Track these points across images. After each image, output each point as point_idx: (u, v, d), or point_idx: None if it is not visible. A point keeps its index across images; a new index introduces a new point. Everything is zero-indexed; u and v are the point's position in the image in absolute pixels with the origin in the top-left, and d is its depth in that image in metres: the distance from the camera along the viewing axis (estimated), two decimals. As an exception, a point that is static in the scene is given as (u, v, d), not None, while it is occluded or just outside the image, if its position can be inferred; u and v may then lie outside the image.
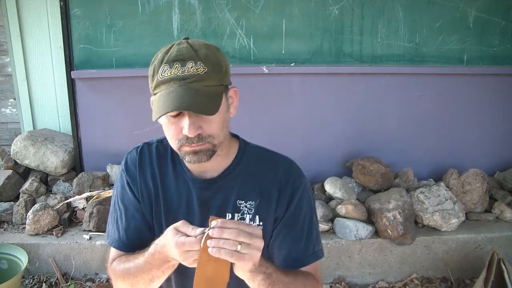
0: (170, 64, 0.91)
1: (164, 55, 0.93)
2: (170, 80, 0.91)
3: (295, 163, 1.14)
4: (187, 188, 1.08)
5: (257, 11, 2.85)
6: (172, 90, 0.90)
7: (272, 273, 0.93)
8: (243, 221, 0.83)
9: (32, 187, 2.80)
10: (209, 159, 0.98)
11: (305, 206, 1.10)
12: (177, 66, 0.91)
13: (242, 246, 0.80)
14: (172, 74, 0.91)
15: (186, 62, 0.91)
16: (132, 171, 1.10)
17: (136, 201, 1.09)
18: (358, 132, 3.10)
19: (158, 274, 0.95)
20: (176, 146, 0.98)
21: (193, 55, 0.92)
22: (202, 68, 0.91)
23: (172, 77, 0.91)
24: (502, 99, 3.18)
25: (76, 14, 2.78)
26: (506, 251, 2.56)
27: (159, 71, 0.93)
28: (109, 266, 1.10)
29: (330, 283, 2.61)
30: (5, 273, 2.32)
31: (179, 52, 0.92)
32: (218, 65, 0.94)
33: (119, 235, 1.09)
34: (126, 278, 1.01)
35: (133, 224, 1.09)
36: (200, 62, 0.91)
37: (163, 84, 0.92)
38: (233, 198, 1.07)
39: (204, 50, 0.93)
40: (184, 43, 0.95)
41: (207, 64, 0.91)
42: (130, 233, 1.09)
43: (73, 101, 2.94)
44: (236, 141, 1.13)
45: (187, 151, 0.97)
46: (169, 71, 0.91)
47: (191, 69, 0.90)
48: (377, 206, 2.59)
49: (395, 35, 2.97)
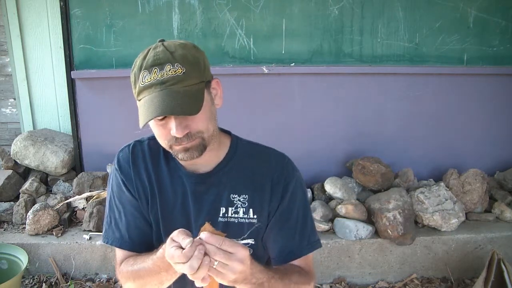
0: (149, 70, 0.93)
1: (142, 61, 0.95)
2: (151, 86, 0.92)
3: (287, 156, 1.15)
4: (181, 183, 1.09)
5: (257, 11, 2.85)
6: (154, 95, 0.92)
7: (265, 282, 0.94)
8: (232, 240, 0.84)
9: (32, 187, 2.80)
10: (201, 154, 1.00)
11: (298, 199, 1.11)
12: (156, 70, 0.92)
13: (218, 263, 0.82)
14: (152, 80, 0.92)
15: (164, 65, 0.92)
16: (126, 170, 1.11)
17: (133, 199, 1.10)
18: (358, 132, 3.10)
19: (167, 277, 0.96)
20: (167, 146, 1.00)
21: (170, 57, 0.93)
22: (180, 69, 0.92)
23: (152, 82, 0.92)
24: (502, 99, 3.18)
25: (76, 14, 2.78)
26: (506, 251, 2.56)
27: (139, 78, 0.94)
28: (117, 268, 1.11)
29: (330, 283, 2.61)
30: (5, 273, 2.33)
31: (156, 56, 0.93)
32: (196, 63, 0.95)
33: (120, 234, 1.10)
34: (136, 280, 1.02)
35: (133, 222, 1.10)
36: (177, 64, 0.92)
37: (145, 90, 0.93)
38: (227, 192, 1.08)
39: (181, 51, 0.94)
40: (160, 46, 0.95)
41: (184, 65, 0.93)
42: (131, 231, 1.09)
43: (73, 101, 2.94)
44: (228, 137, 1.14)
45: (178, 149, 0.98)
46: (149, 77, 0.93)
47: (169, 71, 0.92)
48: (377, 206, 2.60)
49: (395, 35, 2.97)
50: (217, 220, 1.08)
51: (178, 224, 1.05)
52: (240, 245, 0.85)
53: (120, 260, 1.10)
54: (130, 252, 1.10)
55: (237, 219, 1.08)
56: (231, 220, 1.08)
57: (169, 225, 1.07)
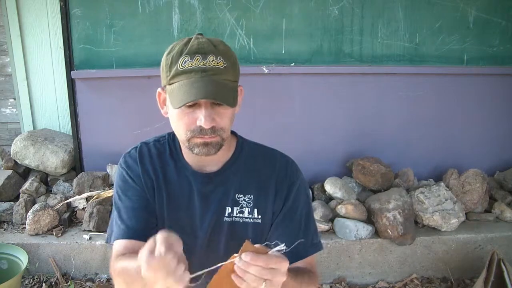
0: (191, 56, 0.94)
1: (183, 47, 0.96)
2: (191, 71, 0.93)
3: (291, 158, 1.16)
4: (188, 182, 1.09)
5: (257, 11, 2.85)
6: (195, 80, 0.92)
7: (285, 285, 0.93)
8: (273, 254, 0.81)
9: (32, 187, 2.80)
10: (217, 152, 1.00)
11: (302, 200, 1.12)
12: (198, 58, 0.93)
13: (265, 283, 0.79)
14: (193, 65, 0.93)
15: (208, 55, 0.93)
16: (134, 168, 1.11)
17: (141, 190, 1.09)
18: (358, 132, 3.10)
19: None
20: (187, 137, 0.98)
21: (214, 49, 0.95)
22: (222, 62, 0.94)
23: (194, 68, 0.93)
24: (502, 99, 3.18)
25: (76, 14, 2.78)
26: (506, 251, 2.56)
27: (178, 61, 0.94)
28: (112, 263, 1.07)
29: (330, 283, 2.61)
30: (5, 273, 2.32)
31: (200, 45, 0.95)
32: (235, 63, 0.99)
33: (125, 225, 1.06)
34: (123, 278, 0.98)
35: (139, 210, 1.08)
36: (220, 57, 0.94)
37: (183, 74, 0.94)
38: (232, 192, 1.09)
39: (223, 46, 0.97)
40: (203, 37, 0.98)
41: (226, 60, 0.95)
42: (137, 219, 1.07)
43: (73, 101, 2.94)
44: (234, 137, 1.15)
45: (198, 142, 0.98)
46: (190, 62, 0.93)
47: (212, 62, 0.93)
48: (377, 206, 2.60)
49: (395, 35, 2.97)
50: (222, 220, 1.08)
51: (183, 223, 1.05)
52: (282, 258, 0.82)
53: (117, 253, 1.05)
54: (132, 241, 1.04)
55: (242, 218, 1.09)
56: (236, 220, 1.09)
57: (175, 223, 1.07)
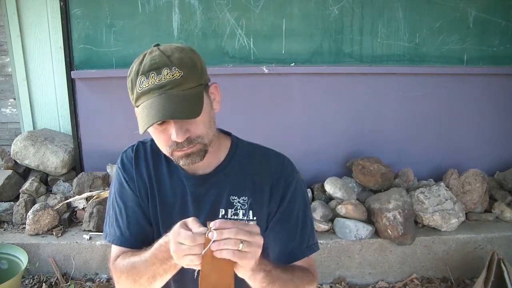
0: (146, 75, 0.92)
1: (138, 67, 0.94)
2: (149, 91, 0.92)
3: (287, 158, 1.14)
4: (181, 185, 1.09)
5: (257, 11, 2.85)
6: (153, 100, 0.91)
7: (272, 270, 0.94)
8: (239, 220, 0.83)
9: (32, 187, 2.80)
10: (203, 158, 1.00)
11: (298, 201, 1.11)
12: (153, 75, 0.92)
13: (243, 244, 0.80)
14: (150, 84, 0.92)
15: (161, 69, 0.92)
16: (129, 169, 1.11)
17: (135, 197, 1.10)
18: (358, 132, 3.10)
19: (160, 271, 0.94)
20: (168, 152, 0.99)
21: (167, 61, 0.92)
22: (177, 72, 0.92)
23: (150, 87, 0.92)
24: (502, 99, 3.18)
25: (76, 14, 2.78)
26: (506, 251, 2.56)
27: (136, 83, 0.94)
28: (111, 264, 1.09)
29: (330, 283, 2.61)
30: (5, 273, 2.32)
31: (153, 61, 0.93)
32: (194, 66, 0.95)
33: (121, 231, 1.09)
34: (130, 273, 1.00)
35: (135, 219, 1.09)
36: (174, 67, 0.92)
37: (143, 96, 0.93)
38: (226, 194, 1.08)
39: (177, 54, 0.94)
40: (156, 50, 0.95)
41: (182, 68, 0.92)
42: (132, 228, 1.09)
43: (73, 101, 2.94)
44: (228, 138, 1.14)
45: (180, 155, 0.98)
46: (147, 82, 0.92)
47: (167, 76, 0.91)
48: (377, 206, 2.60)
49: (395, 35, 2.97)
50: None
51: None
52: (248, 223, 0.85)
53: (116, 255, 1.09)
54: (128, 249, 1.09)
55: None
56: None
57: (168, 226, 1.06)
